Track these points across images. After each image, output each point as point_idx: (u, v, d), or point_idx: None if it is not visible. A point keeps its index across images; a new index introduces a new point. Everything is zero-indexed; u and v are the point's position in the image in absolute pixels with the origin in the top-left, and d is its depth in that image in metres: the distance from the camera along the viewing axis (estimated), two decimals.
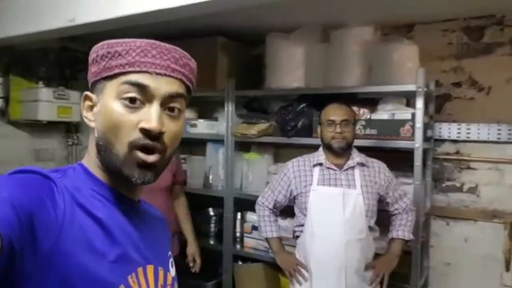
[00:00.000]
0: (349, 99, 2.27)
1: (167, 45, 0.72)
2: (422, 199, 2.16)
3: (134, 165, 0.67)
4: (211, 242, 2.81)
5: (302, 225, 1.87)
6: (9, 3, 2.07)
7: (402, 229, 1.89)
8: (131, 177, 0.68)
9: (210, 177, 2.82)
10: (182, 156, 2.86)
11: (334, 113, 1.82)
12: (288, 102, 2.49)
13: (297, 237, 1.93)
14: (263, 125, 2.47)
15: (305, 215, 1.85)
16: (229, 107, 2.58)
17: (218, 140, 2.73)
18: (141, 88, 0.67)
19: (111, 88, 0.69)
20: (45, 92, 2.62)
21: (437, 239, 2.43)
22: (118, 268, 0.66)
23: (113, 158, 0.68)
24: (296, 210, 1.93)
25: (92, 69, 0.72)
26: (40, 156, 2.90)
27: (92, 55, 0.72)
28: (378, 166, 1.88)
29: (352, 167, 1.84)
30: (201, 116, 2.89)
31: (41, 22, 1.93)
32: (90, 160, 0.73)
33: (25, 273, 0.55)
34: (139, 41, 0.69)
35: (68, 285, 0.59)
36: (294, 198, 1.92)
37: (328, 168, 1.84)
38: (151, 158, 0.68)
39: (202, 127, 2.76)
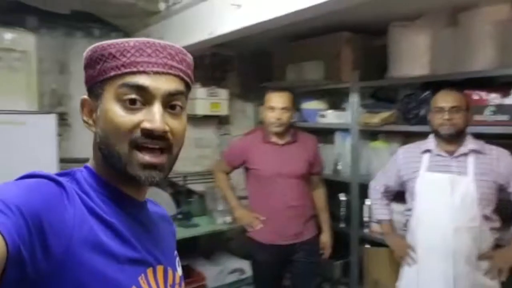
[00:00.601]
0: (479, 84, 2.16)
1: (162, 42, 0.69)
2: None
3: (138, 166, 0.67)
4: (341, 225, 2.98)
5: (411, 210, 1.92)
6: (169, 23, 2.64)
7: None
8: (137, 178, 0.67)
9: (339, 164, 2.99)
10: None
11: (443, 99, 1.80)
12: (413, 90, 2.48)
13: (407, 221, 1.98)
14: (385, 114, 2.52)
15: (413, 200, 1.89)
16: (354, 98, 2.70)
17: (346, 129, 2.88)
18: (140, 89, 0.66)
19: (109, 92, 0.67)
20: (200, 91, 3.20)
21: None
22: (130, 269, 0.66)
23: (116, 160, 0.67)
24: (406, 195, 1.98)
25: (87, 73, 0.71)
26: (198, 144, 3.54)
27: (85, 60, 0.71)
28: (497, 154, 1.78)
29: (465, 154, 1.79)
30: (331, 106, 3.07)
31: (190, 36, 2.42)
32: (95, 163, 0.72)
33: (39, 278, 0.55)
34: (133, 41, 0.67)
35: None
36: (405, 183, 1.97)
37: (438, 155, 1.84)
38: (158, 159, 0.67)
39: (331, 117, 2.94)
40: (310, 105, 3.11)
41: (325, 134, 3.22)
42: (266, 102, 2.32)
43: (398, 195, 2.16)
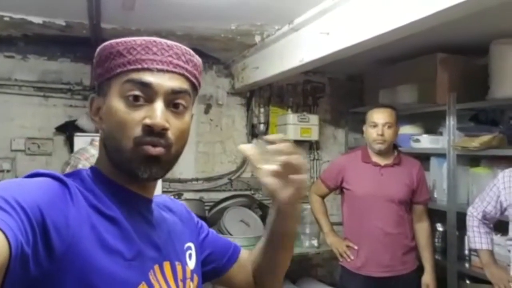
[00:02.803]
0: None
1: (169, 42, 0.71)
2: None
3: (140, 160, 0.67)
4: (437, 257, 2.78)
5: None
6: (264, 54, 2.83)
7: None
8: (137, 171, 0.68)
9: (434, 191, 2.84)
10: None
11: None
12: None
13: (509, 251, 1.81)
14: (485, 138, 2.36)
15: None
16: (450, 121, 2.58)
17: (442, 154, 2.74)
18: (144, 85, 0.67)
19: (114, 88, 0.69)
20: (291, 117, 3.32)
21: None
22: (137, 266, 0.66)
23: (120, 155, 0.68)
24: (510, 225, 1.82)
25: (97, 71, 0.72)
26: None
27: (95, 58, 0.72)
28: None
29: None
30: (426, 131, 2.96)
31: (283, 64, 2.58)
32: (102, 162, 0.73)
33: (43, 277, 0.55)
34: (140, 39, 0.69)
35: (88, 286, 0.59)
36: (506, 210, 1.82)
37: None
38: (155, 151, 0.67)
39: (426, 142, 2.83)
40: (403, 130, 3.02)
41: (420, 160, 3.08)
42: (367, 119, 2.26)
43: (500, 225, 1.99)
